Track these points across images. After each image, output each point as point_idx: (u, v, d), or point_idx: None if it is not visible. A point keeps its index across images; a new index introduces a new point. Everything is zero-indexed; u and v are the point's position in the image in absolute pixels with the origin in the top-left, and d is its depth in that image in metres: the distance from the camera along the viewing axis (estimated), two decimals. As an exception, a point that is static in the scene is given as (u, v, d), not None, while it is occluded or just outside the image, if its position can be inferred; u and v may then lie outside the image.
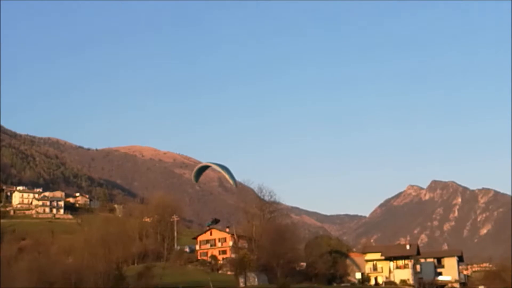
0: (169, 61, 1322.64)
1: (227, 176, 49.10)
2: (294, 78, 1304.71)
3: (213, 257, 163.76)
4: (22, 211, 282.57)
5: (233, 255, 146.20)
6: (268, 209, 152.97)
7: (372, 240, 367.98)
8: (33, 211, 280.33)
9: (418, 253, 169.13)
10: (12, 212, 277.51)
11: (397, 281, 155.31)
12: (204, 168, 66.16)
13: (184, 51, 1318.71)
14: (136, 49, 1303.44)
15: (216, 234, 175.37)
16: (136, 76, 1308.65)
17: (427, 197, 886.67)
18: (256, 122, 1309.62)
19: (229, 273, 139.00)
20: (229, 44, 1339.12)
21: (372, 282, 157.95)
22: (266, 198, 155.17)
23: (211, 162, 65.82)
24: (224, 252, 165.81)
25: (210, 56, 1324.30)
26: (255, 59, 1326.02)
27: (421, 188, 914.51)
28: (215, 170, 77.43)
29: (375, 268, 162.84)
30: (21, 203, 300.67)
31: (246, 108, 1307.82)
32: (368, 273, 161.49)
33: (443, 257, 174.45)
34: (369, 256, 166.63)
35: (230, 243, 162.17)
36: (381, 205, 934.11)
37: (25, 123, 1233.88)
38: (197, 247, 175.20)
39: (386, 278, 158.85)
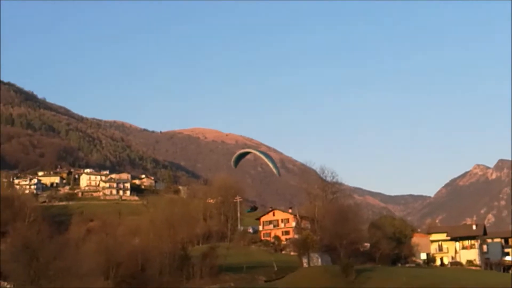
0: (230, 42, 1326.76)
1: (270, 165, 47.01)
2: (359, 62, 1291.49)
3: (276, 237, 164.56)
4: (90, 193, 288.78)
5: (296, 236, 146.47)
6: (331, 189, 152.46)
7: (437, 221, 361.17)
8: (100, 193, 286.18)
9: (485, 233, 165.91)
10: (80, 194, 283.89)
11: (463, 261, 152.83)
12: (245, 154, 63.54)
13: (251, 34, 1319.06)
14: (198, 32, 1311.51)
15: (279, 215, 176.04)
16: (199, 60, 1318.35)
17: (493, 176, 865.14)
18: (318, 104, 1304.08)
19: (292, 253, 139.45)
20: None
21: (438, 262, 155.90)
22: (328, 179, 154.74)
23: (254, 150, 63.70)
24: (287, 232, 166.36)
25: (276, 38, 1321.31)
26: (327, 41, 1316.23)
27: (488, 168, 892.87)
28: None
29: (440, 249, 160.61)
30: (89, 185, 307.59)
31: (309, 92, 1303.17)
32: (433, 254, 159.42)
33: (510, 237, 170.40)
34: (434, 236, 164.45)
35: (293, 224, 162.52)
36: (446, 185, 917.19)
37: (91, 107, 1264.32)
38: (260, 228, 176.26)
39: (452, 258, 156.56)
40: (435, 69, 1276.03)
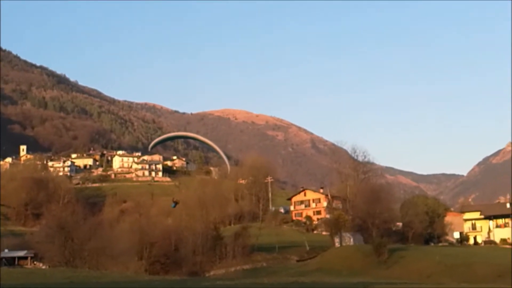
0: (261, 24, 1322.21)
1: (220, 152, 40.42)
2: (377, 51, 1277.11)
3: (308, 217, 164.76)
4: (123, 175, 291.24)
5: (327, 216, 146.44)
6: (362, 169, 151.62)
7: (470, 199, 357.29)
8: (133, 175, 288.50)
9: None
10: (113, 176, 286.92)
11: (497, 240, 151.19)
12: (171, 138, 54.96)
13: (285, 16, 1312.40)
14: (229, 12, 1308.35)
15: (310, 195, 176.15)
16: (229, 41, 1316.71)
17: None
18: (349, 85, 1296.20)
19: (324, 233, 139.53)
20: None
21: (471, 241, 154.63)
22: (360, 158, 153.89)
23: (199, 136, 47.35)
24: (318, 212, 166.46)
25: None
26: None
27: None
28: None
29: (473, 228, 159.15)
30: (121, 167, 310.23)
31: (339, 73, 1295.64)
32: (466, 233, 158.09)
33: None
34: (467, 215, 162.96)
35: (324, 204, 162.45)
36: (479, 163, 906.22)
37: (123, 89, 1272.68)
38: (292, 207, 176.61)
39: (486, 237, 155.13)
40: (467, 48, 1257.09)
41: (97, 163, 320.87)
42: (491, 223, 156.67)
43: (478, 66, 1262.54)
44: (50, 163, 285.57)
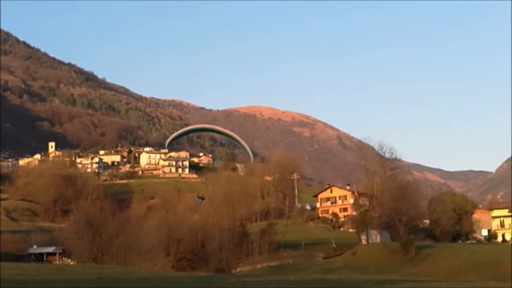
0: (284, 22, 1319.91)
1: (244, 145, 37.57)
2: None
3: (334, 214, 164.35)
4: (150, 171, 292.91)
5: (354, 213, 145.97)
6: (389, 166, 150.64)
7: (498, 196, 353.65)
8: (160, 171, 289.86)
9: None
10: (140, 172, 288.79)
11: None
12: (188, 132, 46.75)
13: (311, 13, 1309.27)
14: (255, 8, 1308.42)
15: (337, 191, 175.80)
16: (254, 37, 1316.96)
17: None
18: (375, 81, 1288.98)
19: (350, 230, 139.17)
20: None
21: (499, 239, 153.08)
22: (387, 155, 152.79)
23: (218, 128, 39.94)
24: (345, 209, 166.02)
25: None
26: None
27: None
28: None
29: (502, 225, 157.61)
30: (149, 163, 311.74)
31: (366, 70, 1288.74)
32: (495, 230, 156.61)
33: None
34: (495, 212, 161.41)
35: (351, 201, 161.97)
36: (507, 160, 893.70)
37: (150, 86, 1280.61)
38: (318, 204, 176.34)
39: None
40: (497, 40, 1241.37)
41: (125, 159, 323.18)
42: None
43: (506, 63, 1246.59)
44: (78, 160, 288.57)
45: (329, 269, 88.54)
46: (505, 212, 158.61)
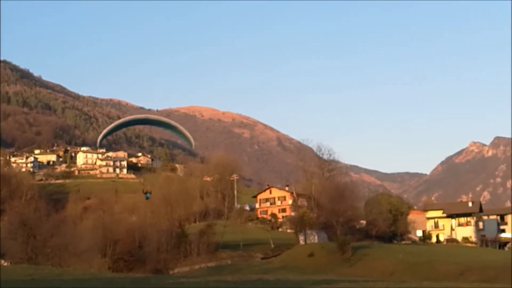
0: (227, 22, 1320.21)
1: (186, 134, 35.14)
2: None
3: (273, 215, 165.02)
4: (87, 171, 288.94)
5: (293, 213, 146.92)
6: (327, 167, 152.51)
7: (433, 198, 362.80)
8: (97, 171, 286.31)
9: (481, 210, 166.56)
10: (76, 172, 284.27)
11: (459, 238, 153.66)
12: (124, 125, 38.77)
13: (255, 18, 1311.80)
14: (198, 11, 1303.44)
15: (276, 192, 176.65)
16: (196, 38, 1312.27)
17: (489, 154, 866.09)
18: (315, 84, 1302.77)
19: (289, 231, 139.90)
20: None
21: (434, 239, 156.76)
22: (325, 156, 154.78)
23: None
24: (283, 210, 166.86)
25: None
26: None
27: (484, 145, 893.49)
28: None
29: (436, 226, 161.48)
30: (85, 163, 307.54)
31: (305, 71, 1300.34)
32: (429, 231, 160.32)
33: (506, 214, 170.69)
34: (430, 213, 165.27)
35: (290, 202, 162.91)
36: (442, 163, 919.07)
37: (87, 85, 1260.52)
38: (257, 205, 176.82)
39: (448, 235, 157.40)
40: (431, 48, 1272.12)
41: (61, 159, 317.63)
42: (454, 221, 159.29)
43: (441, 67, 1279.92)
44: (12, 159, 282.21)
45: (267, 269, 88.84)
46: (439, 213, 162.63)
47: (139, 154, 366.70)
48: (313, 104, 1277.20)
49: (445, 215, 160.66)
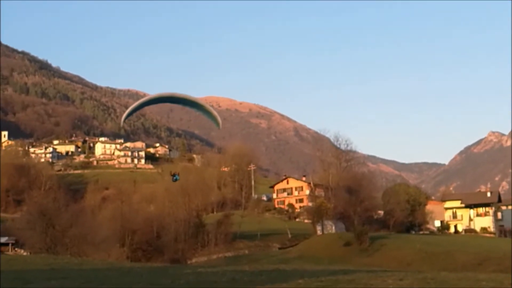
0: (243, 14, 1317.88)
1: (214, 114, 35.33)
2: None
3: (290, 205, 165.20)
4: (105, 162, 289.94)
5: (310, 204, 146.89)
6: (345, 157, 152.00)
7: (451, 188, 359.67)
8: (115, 162, 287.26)
9: (499, 200, 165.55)
10: (95, 163, 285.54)
11: (478, 228, 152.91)
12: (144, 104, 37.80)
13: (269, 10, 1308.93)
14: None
15: (293, 183, 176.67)
16: (213, 29, 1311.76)
17: (508, 143, 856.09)
18: (331, 74, 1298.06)
19: (306, 221, 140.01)
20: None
21: (452, 230, 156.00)
22: (342, 147, 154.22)
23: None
24: (301, 200, 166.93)
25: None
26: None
27: (503, 135, 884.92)
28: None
29: (454, 216, 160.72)
30: (104, 153, 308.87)
31: (321, 61, 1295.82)
32: (447, 221, 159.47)
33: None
34: (448, 204, 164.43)
35: (307, 192, 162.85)
36: (460, 153, 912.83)
37: (105, 76, 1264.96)
38: (274, 195, 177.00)
39: (466, 226, 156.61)
40: (449, 40, 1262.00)
41: (79, 149, 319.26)
42: (472, 211, 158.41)
43: (458, 58, 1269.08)
44: (31, 150, 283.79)
45: (284, 259, 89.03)
46: (457, 203, 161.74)
47: (157, 144, 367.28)
48: (330, 94, 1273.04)
49: (463, 205, 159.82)
